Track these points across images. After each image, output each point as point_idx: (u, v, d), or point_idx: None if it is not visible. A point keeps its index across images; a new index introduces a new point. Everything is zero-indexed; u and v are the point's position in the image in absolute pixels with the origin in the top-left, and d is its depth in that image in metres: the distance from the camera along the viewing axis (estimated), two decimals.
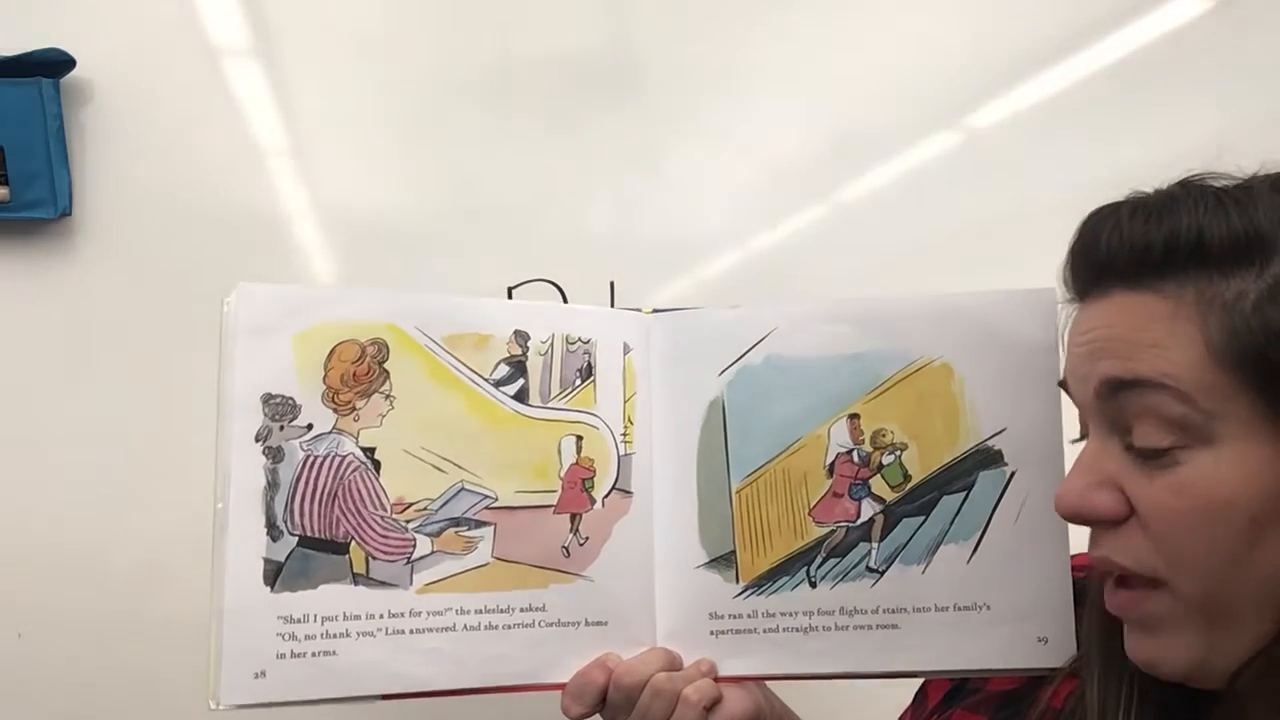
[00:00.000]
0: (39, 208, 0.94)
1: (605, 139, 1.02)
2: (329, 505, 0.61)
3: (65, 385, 0.96)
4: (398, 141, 1.01)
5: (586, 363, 0.67)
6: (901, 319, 0.65)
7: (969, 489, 0.63)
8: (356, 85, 1.00)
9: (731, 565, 0.65)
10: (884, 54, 1.04)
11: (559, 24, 1.02)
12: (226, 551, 0.60)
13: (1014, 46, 1.05)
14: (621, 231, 1.03)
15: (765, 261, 1.03)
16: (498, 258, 0.99)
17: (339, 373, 0.62)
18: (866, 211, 1.04)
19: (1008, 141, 1.04)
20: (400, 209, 1.00)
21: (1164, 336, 0.46)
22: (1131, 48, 1.04)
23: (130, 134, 0.97)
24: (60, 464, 0.96)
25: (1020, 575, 0.62)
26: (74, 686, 0.95)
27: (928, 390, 0.64)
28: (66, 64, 0.94)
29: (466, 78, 1.01)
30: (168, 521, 0.94)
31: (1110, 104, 1.03)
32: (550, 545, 0.65)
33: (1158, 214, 0.47)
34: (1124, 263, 0.48)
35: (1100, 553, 0.50)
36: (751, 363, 0.66)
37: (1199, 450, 0.45)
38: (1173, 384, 0.45)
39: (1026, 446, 0.63)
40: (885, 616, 0.63)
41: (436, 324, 0.64)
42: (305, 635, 0.60)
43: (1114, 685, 0.53)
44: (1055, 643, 0.61)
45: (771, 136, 1.03)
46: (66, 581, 0.95)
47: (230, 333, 0.61)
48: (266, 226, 0.98)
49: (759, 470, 0.66)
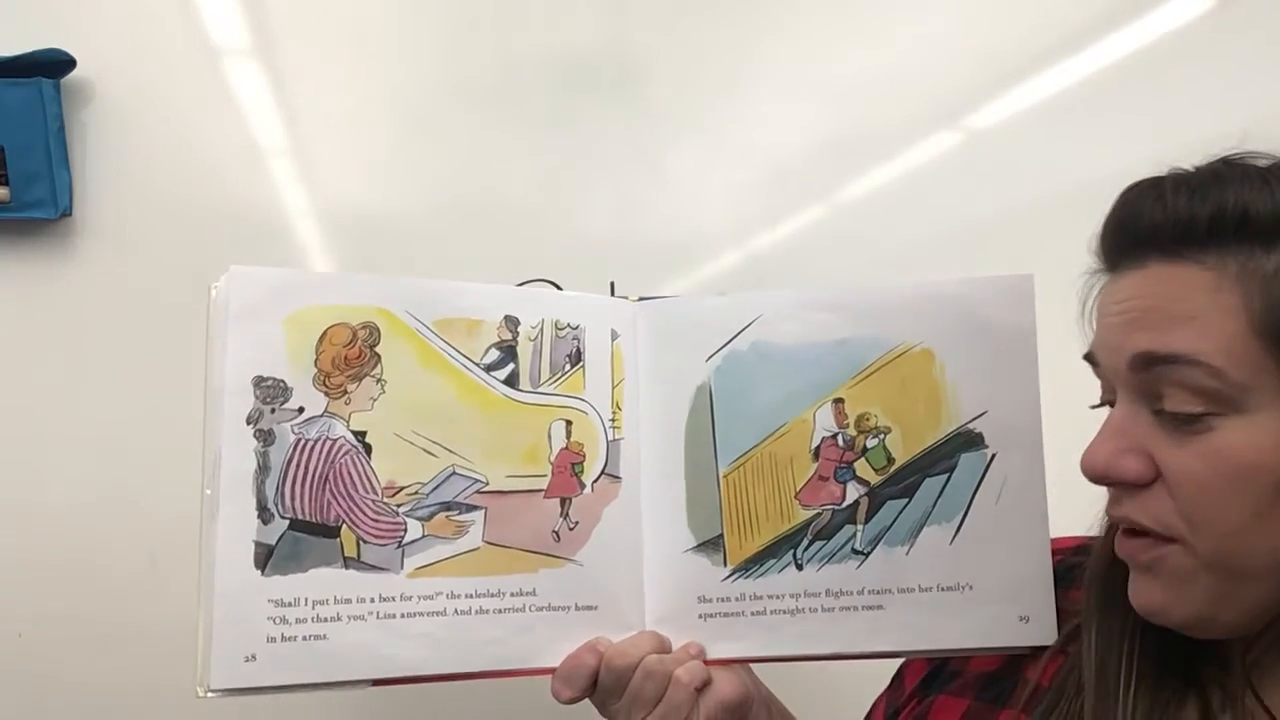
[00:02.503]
0: (39, 208, 0.94)
1: (605, 139, 1.03)
2: (320, 489, 0.62)
3: (65, 385, 0.96)
4: (398, 141, 1.02)
5: (576, 348, 0.67)
6: (884, 306, 0.66)
7: (951, 471, 0.65)
8: (356, 85, 1.01)
9: (719, 549, 0.66)
10: (884, 54, 1.05)
11: (559, 24, 1.03)
12: (217, 535, 0.60)
13: (1014, 46, 1.06)
14: (621, 231, 1.03)
15: (765, 261, 1.04)
16: (498, 258, 0.99)
17: (330, 356, 0.62)
18: (866, 211, 1.05)
19: (1008, 141, 1.05)
20: (400, 208, 1.01)
21: (1204, 307, 0.47)
22: (1131, 48, 1.05)
23: (130, 134, 0.97)
24: (60, 464, 0.96)
25: (1002, 555, 0.64)
26: (74, 686, 0.95)
27: (910, 375, 0.65)
28: (66, 64, 0.95)
29: (466, 77, 1.02)
30: (168, 521, 0.93)
31: (1110, 104, 1.04)
32: (540, 529, 0.65)
33: (1202, 189, 0.49)
34: (1166, 235, 0.49)
35: (1121, 511, 0.51)
36: (738, 349, 0.67)
37: (1230, 418, 0.47)
38: (1207, 360, 0.47)
39: (1007, 429, 0.64)
40: (870, 598, 0.64)
41: (428, 308, 0.65)
42: (296, 619, 0.60)
43: (1115, 643, 0.54)
44: (1037, 621, 0.62)
45: (771, 136, 1.04)
46: (66, 581, 0.95)
47: (219, 315, 0.61)
48: (266, 226, 0.99)
49: (746, 455, 0.66)
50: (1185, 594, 0.49)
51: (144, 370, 0.96)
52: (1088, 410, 0.55)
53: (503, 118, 1.02)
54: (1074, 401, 0.61)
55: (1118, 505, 0.52)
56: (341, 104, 1.01)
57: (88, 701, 0.95)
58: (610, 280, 0.83)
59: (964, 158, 1.05)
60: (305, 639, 0.60)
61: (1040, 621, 0.62)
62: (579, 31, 1.03)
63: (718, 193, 1.04)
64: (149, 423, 0.95)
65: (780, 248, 1.05)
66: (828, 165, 1.05)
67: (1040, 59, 1.06)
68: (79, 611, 0.95)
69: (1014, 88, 1.06)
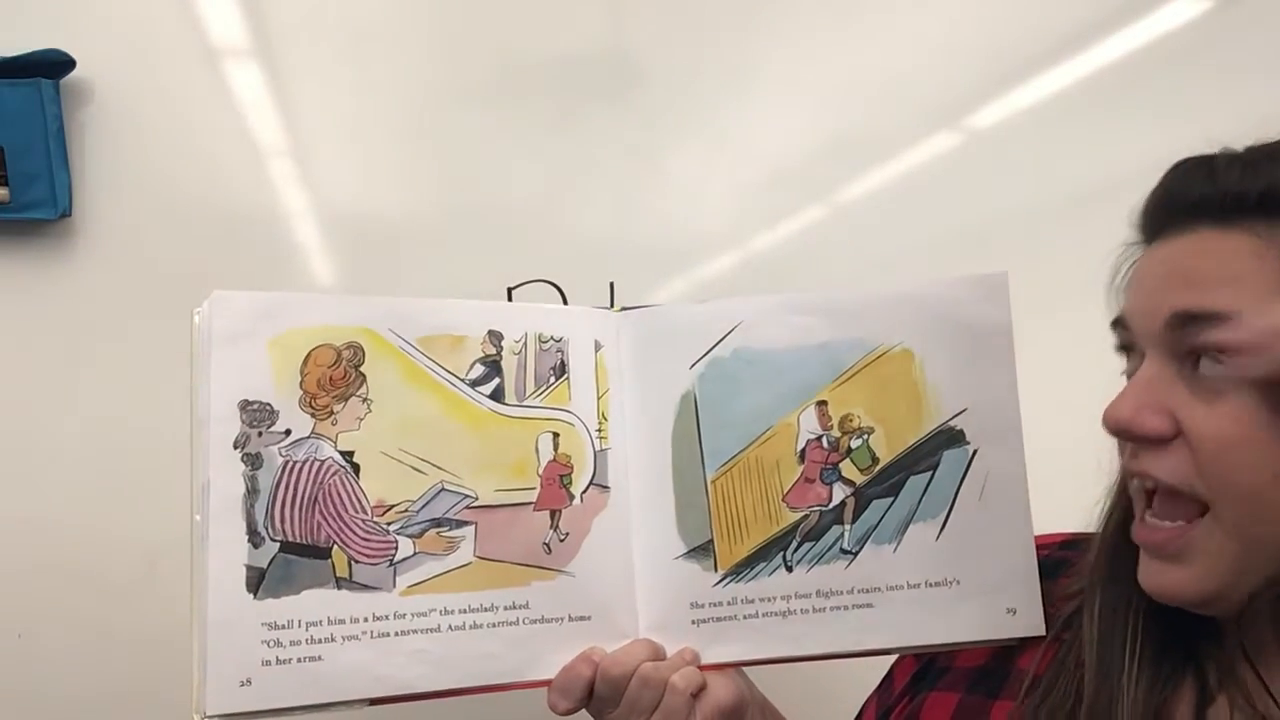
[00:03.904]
0: (39, 208, 0.93)
1: (605, 139, 1.03)
2: (310, 510, 0.62)
3: (65, 385, 0.96)
4: (398, 141, 1.01)
5: (560, 361, 0.68)
6: (863, 308, 0.67)
7: (934, 468, 0.66)
8: (356, 85, 1.01)
9: (710, 554, 0.67)
10: (884, 54, 1.06)
11: (559, 24, 1.03)
12: (208, 560, 0.60)
13: (1014, 46, 1.07)
14: (621, 232, 1.03)
15: (765, 262, 1.05)
16: (498, 258, 0.99)
17: (315, 377, 0.63)
18: (866, 212, 1.06)
19: (1008, 141, 1.06)
20: (400, 209, 1.01)
21: (1248, 271, 0.49)
22: (1131, 48, 1.06)
23: (130, 134, 0.97)
24: (60, 464, 0.95)
25: (987, 550, 0.65)
26: (73, 687, 0.94)
27: (890, 375, 0.66)
28: (66, 64, 0.94)
29: (466, 77, 1.02)
30: (168, 521, 0.91)
31: (1111, 104, 1.05)
32: (531, 542, 0.65)
33: (1255, 165, 0.50)
34: (1216, 204, 0.51)
35: (1140, 466, 0.52)
36: (720, 355, 0.68)
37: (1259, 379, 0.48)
38: (1245, 319, 0.48)
39: (987, 425, 0.65)
40: (860, 596, 0.65)
41: (411, 326, 0.65)
42: (290, 641, 0.60)
43: (1119, 620, 0.55)
44: (1024, 613, 0.63)
45: (771, 137, 1.05)
46: (66, 582, 0.94)
47: (204, 341, 0.61)
48: (266, 226, 0.98)
49: (732, 460, 0.67)
50: (1209, 572, 0.50)
51: (143, 371, 0.95)
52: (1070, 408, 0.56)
53: (503, 119, 1.02)
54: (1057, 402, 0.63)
55: (1135, 460, 0.53)
56: (341, 105, 1.00)
57: (87, 701, 0.95)
58: (610, 281, 0.84)
59: (964, 158, 1.06)
60: (300, 661, 0.60)
61: (1027, 613, 0.63)
62: (579, 32, 1.04)
63: (718, 194, 1.05)
64: (149, 424, 0.95)
65: (780, 248, 1.05)
66: (828, 166, 1.06)
67: (1040, 59, 1.07)
68: (78, 614, 0.95)
69: (1014, 88, 1.07)
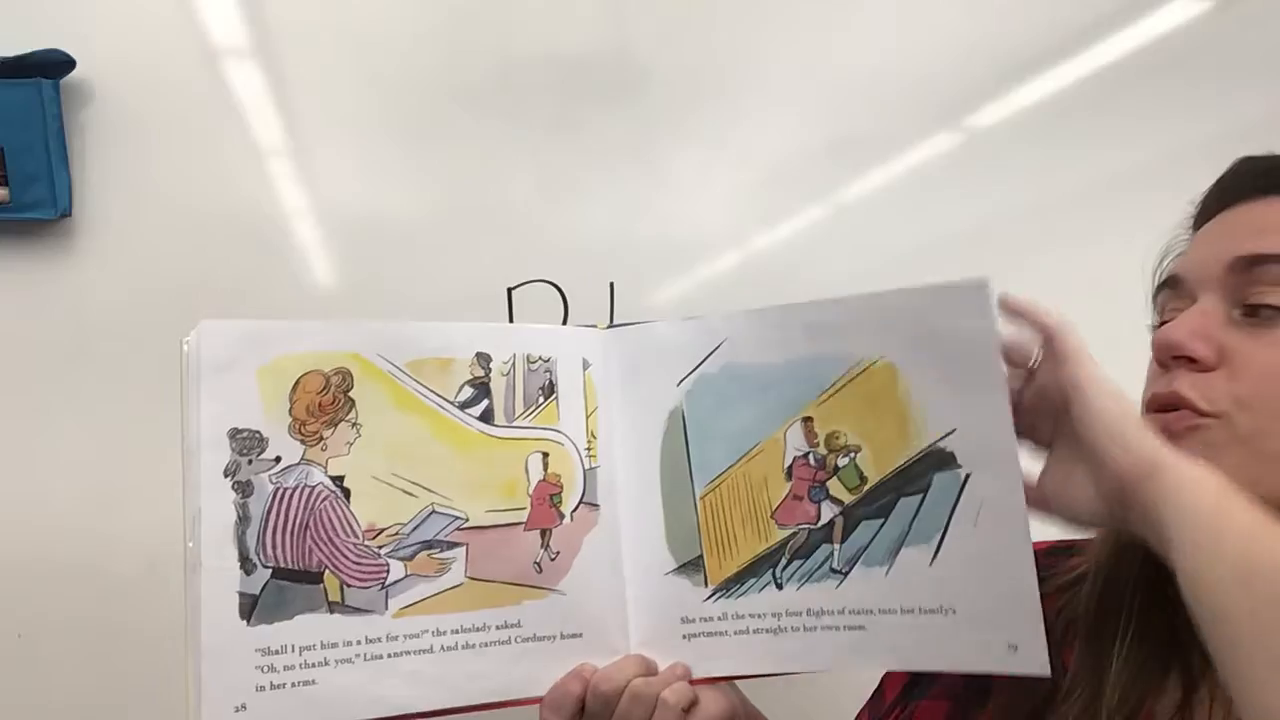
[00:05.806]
0: (39, 208, 0.94)
1: (605, 140, 1.03)
2: (301, 536, 0.62)
3: (65, 385, 0.96)
4: (398, 142, 1.01)
5: (548, 380, 0.68)
6: (843, 320, 0.64)
7: (925, 491, 0.62)
8: (356, 85, 1.00)
9: (699, 570, 0.67)
10: (884, 55, 1.05)
11: (559, 25, 1.03)
12: (201, 588, 0.60)
13: (1014, 46, 1.06)
14: (621, 232, 1.03)
15: (765, 262, 1.05)
16: (498, 258, 0.99)
17: (304, 404, 0.63)
18: (866, 212, 1.05)
19: (1008, 141, 1.06)
20: (400, 210, 1.01)
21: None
22: (1131, 48, 1.06)
23: (130, 134, 0.97)
24: (59, 465, 0.96)
25: (985, 580, 0.60)
26: (74, 687, 0.95)
27: (874, 391, 0.64)
28: (66, 64, 0.94)
29: (466, 78, 1.02)
30: (168, 522, 0.91)
31: (1111, 104, 1.05)
32: (522, 562, 0.66)
33: None
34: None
35: (1172, 388, 0.57)
36: (708, 372, 0.68)
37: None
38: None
39: (979, 448, 0.61)
40: (851, 618, 0.63)
41: (399, 350, 0.65)
42: (284, 666, 0.61)
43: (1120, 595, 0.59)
44: (1026, 649, 0.58)
45: (771, 137, 1.05)
46: (66, 582, 0.95)
47: (192, 371, 0.62)
48: (266, 227, 0.99)
49: (721, 476, 0.67)
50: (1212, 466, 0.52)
51: (143, 371, 0.95)
52: None
53: (503, 120, 1.02)
54: None
55: (1170, 383, 0.57)
56: (341, 105, 1.00)
57: (88, 702, 0.96)
58: (610, 281, 0.83)
59: (964, 158, 1.06)
60: (294, 685, 0.61)
61: (1029, 650, 0.58)
62: (579, 33, 1.03)
63: (718, 194, 1.05)
64: (149, 424, 0.94)
65: (780, 249, 1.05)
66: (827, 166, 1.05)
67: (1040, 59, 1.06)
68: (78, 614, 0.96)
69: (1014, 88, 1.06)
